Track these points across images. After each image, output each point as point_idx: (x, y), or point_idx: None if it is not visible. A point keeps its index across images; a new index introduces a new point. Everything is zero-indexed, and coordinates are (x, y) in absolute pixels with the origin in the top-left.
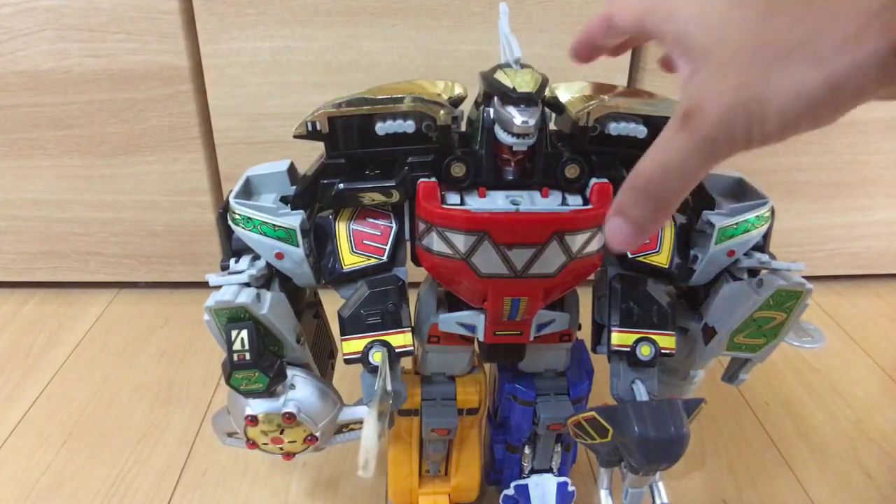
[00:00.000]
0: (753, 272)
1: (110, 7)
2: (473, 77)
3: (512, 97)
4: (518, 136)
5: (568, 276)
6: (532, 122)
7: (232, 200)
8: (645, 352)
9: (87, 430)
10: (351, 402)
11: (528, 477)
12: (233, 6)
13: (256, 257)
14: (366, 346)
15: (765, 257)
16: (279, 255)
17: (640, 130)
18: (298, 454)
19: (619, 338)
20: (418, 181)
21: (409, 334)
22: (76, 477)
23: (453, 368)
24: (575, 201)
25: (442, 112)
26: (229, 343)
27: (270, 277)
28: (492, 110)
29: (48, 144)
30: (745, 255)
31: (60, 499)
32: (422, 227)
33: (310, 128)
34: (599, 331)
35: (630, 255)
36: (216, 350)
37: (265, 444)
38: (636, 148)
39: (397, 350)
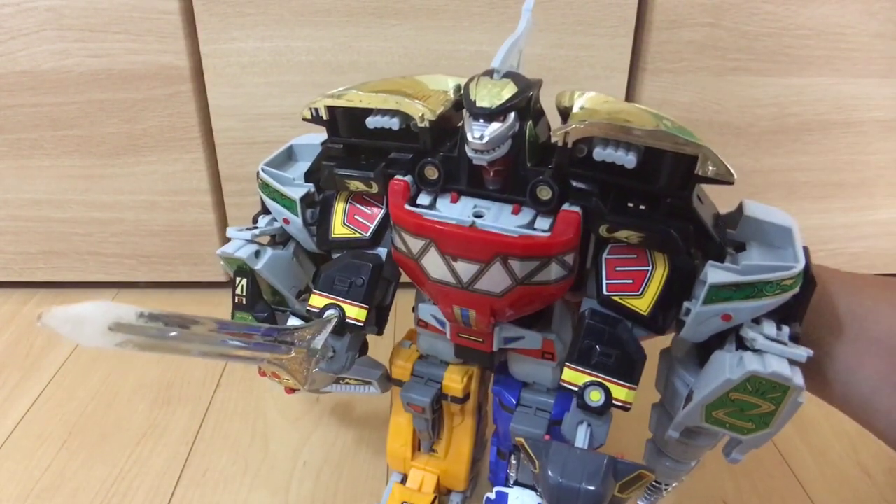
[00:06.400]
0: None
1: (110, 7)
2: None
3: (472, 110)
4: (474, 150)
5: (518, 299)
6: (486, 138)
7: (260, 167)
8: (594, 397)
9: (87, 430)
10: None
11: (511, 487)
12: (233, 6)
13: (275, 219)
14: (325, 305)
15: (767, 331)
16: (286, 221)
17: (628, 160)
18: (298, 392)
19: (570, 375)
20: (391, 178)
21: (365, 311)
22: (76, 477)
23: (442, 354)
24: (543, 224)
25: (421, 114)
26: (233, 288)
27: (289, 238)
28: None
29: (48, 144)
30: (755, 321)
31: (60, 499)
32: (391, 221)
33: (314, 113)
34: None
35: (606, 293)
36: None
37: (272, 374)
38: (626, 177)
39: (348, 319)
